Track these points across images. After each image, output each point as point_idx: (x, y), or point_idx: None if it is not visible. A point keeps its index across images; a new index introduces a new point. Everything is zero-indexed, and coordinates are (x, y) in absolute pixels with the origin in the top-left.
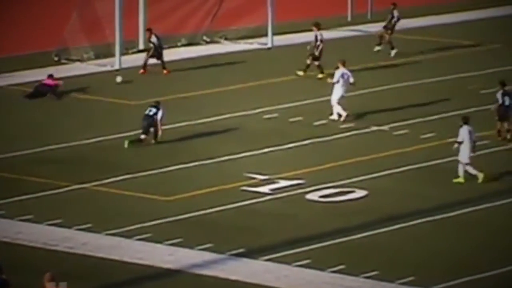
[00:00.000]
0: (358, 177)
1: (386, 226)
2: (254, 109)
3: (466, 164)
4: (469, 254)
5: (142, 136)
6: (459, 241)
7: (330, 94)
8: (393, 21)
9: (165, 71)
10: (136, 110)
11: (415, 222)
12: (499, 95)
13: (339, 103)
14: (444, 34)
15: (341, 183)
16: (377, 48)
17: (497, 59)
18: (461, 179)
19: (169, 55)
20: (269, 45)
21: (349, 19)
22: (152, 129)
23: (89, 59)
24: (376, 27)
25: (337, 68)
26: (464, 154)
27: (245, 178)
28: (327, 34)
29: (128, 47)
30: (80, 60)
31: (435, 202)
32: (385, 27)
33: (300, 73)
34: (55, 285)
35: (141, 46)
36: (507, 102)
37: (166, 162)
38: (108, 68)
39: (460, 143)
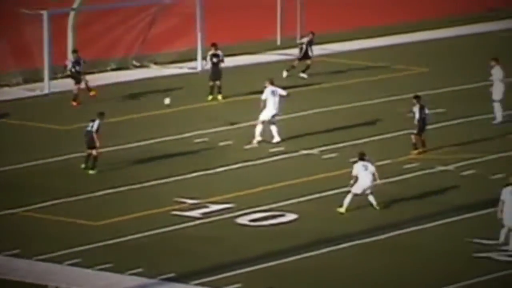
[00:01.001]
0: (288, 201)
1: (316, 250)
2: (184, 133)
3: (357, 194)
4: (398, 276)
5: (89, 151)
6: (388, 264)
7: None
8: (310, 48)
9: (74, 103)
10: (65, 135)
11: (345, 245)
12: (416, 110)
13: (262, 123)
14: (372, 58)
15: (271, 207)
16: (302, 75)
17: (425, 83)
18: (342, 209)
19: (98, 79)
20: (199, 69)
21: (278, 43)
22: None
23: (17, 84)
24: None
25: (265, 87)
26: (360, 188)
27: (175, 202)
28: (257, 58)
29: (57, 72)
30: (9, 85)
31: (364, 225)
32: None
33: (209, 97)
34: None
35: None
36: (423, 115)
37: (96, 186)
38: (37, 92)
39: (355, 178)
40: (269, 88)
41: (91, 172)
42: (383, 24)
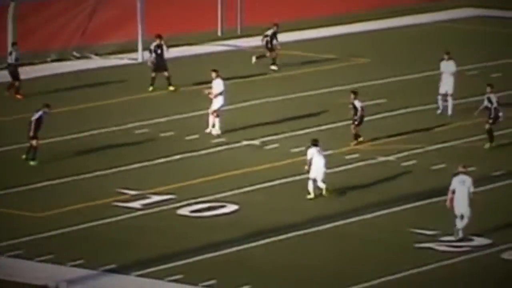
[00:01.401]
0: (229, 192)
1: (257, 240)
2: (125, 124)
3: (318, 181)
4: (340, 266)
5: (30, 142)
6: (330, 254)
7: (204, 108)
8: (275, 39)
9: (19, 96)
10: (6, 126)
11: (287, 236)
12: (359, 104)
13: (218, 116)
14: (315, 49)
15: (212, 198)
16: (272, 67)
17: (367, 74)
18: (311, 195)
19: (39, 71)
20: (140, 60)
21: (219, 34)
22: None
23: None
24: (246, 42)
25: (215, 79)
26: (315, 172)
27: (117, 193)
28: (198, 49)
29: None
30: None
31: (306, 215)
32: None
33: (150, 88)
34: None
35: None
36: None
37: (38, 178)
38: None
39: (309, 162)
40: (219, 80)
41: (32, 163)
42: (325, 14)
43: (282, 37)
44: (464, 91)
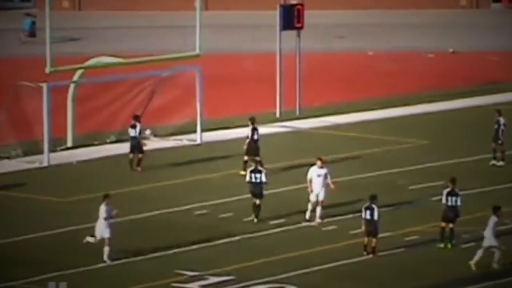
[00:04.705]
0: (288, 273)
1: None
2: (185, 205)
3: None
4: None
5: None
6: None
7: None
8: (500, 130)
9: (139, 168)
10: (67, 207)
11: None
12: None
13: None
14: (371, 131)
15: (271, 279)
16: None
17: (425, 155)
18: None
19: (98, 152)
20: (199, 142)
21: (277, 115)
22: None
23: (17, 156)
24: (304, 124)
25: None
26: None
27: (175, 274)
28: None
29: (57, 144)
30: (8, 157)
31: None
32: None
33: (242, 172)
34: None
35: (69, 143)
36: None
37: (98, 259)
38: (37, 165)
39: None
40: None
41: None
42: (379, 96)
43: (339, 119)
44: None
